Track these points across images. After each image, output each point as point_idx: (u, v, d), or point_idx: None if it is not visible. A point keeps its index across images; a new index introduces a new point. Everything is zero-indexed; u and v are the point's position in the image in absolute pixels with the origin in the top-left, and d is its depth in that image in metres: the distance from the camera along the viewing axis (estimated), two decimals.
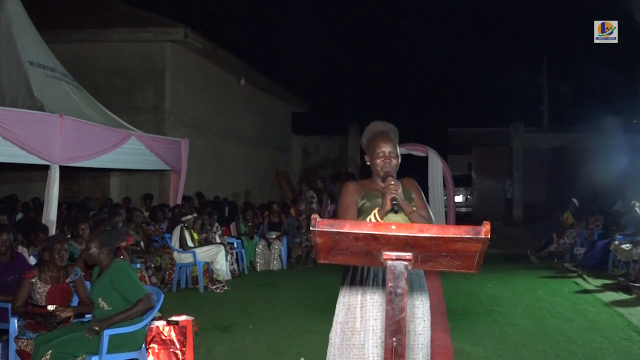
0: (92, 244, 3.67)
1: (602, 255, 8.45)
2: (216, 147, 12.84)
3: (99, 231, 4.15)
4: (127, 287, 3.58)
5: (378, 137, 2.61)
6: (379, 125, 2.68)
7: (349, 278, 2.60)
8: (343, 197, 2.63)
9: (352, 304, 2.54)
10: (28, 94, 6.85)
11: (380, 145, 2.58)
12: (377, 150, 2.58)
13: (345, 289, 2.59)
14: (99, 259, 3.68)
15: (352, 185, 2.66)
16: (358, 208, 2.58)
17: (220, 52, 12.23)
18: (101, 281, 3.61)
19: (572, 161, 15.43)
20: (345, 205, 2.59)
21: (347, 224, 1.52)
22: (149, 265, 6.72)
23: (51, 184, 6.20)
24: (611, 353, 4.56)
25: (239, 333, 5.22)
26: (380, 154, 2.57)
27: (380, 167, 2.56)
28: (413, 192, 2.66)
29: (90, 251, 3.67)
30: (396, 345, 1.55)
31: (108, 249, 3.70)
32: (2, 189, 10.95)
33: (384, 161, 2.56)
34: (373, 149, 2.60)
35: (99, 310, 3.60)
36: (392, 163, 2.56)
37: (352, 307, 2.53)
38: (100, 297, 3.59)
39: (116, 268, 3.62)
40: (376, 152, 2.58)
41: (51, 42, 8.36)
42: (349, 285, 2.58)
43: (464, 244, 1.51)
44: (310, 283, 7.83)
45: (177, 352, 4.07)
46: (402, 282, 1.56)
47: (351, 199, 2.59)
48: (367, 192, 2.60)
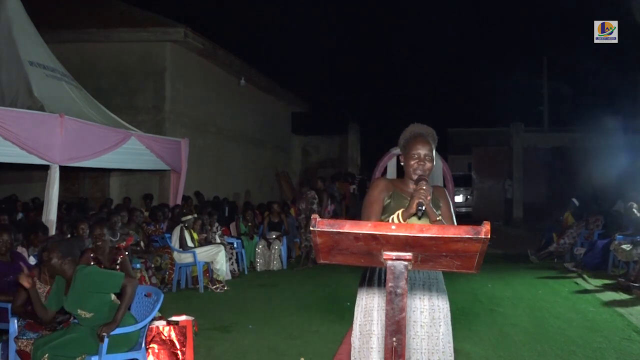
0: (54, 254, 3.52)
1: (602, 255, 8.45)
2: (216, 147, 12.84)
3: (58, 241, 3.97)
4: (103, 283, 3.52)
5: (415, 138, 2.57)
6: (418, 127, 2.64)
7: (366, 280, 2.58)
8: (371, 191, 2.59)
9: (369, 307, 2.53)
10: (28, 94, 6.85)
11: (416, 147, 2.54)
12: (412, 152, 2.54)
13: (363, 291, 2.57)
14: (62, 270, 3.54)
15: (383, 183, 2.63)
16: (383, 206, 2.55)
17: (220, 52, 12.23)
18: (73, 292, 3.48)
19: (572, 161, 15.43)
20: (371, 200, 2.56)
21: (347, 223, 1.52)
22: (149, 265, 6.72)
23: (51, 184, 6.20)
24: (611, 353, 4.56)
25: (239, 333, 5.22)
26: (415, 155, 2.53)
27: (414, 169, 2.53)
28: (442, 201, 2.63)
29: (52, 262, 3.52)
30: (396, 345, 1.55)
31: (70, 259, 3.57)
32: (2, 189, 10.95)
33: (418, 163, 2.52)
34: (409, 150, 2.56)
35: (85, 320, 3.51)
36: (426, 166, 2.53)
37: (369, 310, 2.53)
38: (78, 307, 3.48)
39: (83, 274, 3.49)
40: (411, 154, 2.54)
41: (51, 42, 8.36)
42: (367, 287, 2.56)
43: (464, 244, 1.51)
44: (310, 283, 7.83)
45: (177, 352, 4.07)
46: (402, 282, 1.56)
47: (379, 195, 2.56)
48: (396, 193, 2.57)
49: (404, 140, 2.63)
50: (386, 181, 2.66)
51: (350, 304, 6.78)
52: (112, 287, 3.56)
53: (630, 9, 9.93)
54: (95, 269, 3.66)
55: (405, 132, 2.65)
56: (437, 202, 2.60)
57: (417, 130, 2.62)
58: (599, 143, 14.85)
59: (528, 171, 16.80)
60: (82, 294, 3.47)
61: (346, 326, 5.37)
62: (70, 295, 3.50)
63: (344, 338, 4.95)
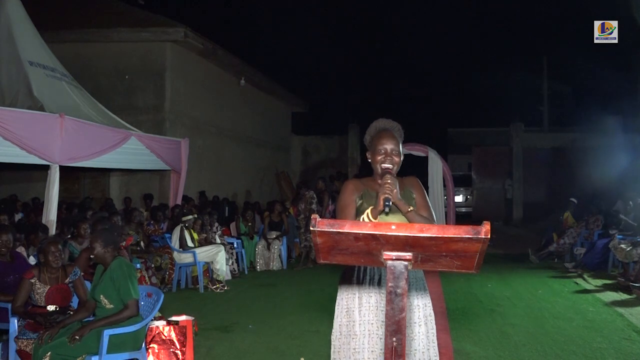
0: (97, 243, 3.69)
1: (602, 255, 8.45)
2: (216, 147, 12.84)
3: (101, 230, 4.15)
4: (121, 285, 3.59)
5: (381, 133, 2.53)
6: (384, 122, 2.60)
7: (346, 279, 2.53)
8: (341, 196, 2.55)
9: (350, 307, 2.48)
10: (28, 94, 6.85)
11: (382, 142, 2.50)
12: (378, 147, 2.50)
13: (342, 290, 2.53)
14: (103, 258, 3.70)
15: (351, 184, 2.58)
16: (356, 208, 2.50)
17: (220, 52, 12.23)
18: (103, 279, 3.64)
19: (572, 161, 15.42)
20: (342, 205, 2.52)
21: (347, 224, 1.52)
22: (149, 265, 6.72)
23: (51, 184, 6.20)
24: (611, 353, 4.56)
25: (239, 333, 5.22)
26: (381, 150, 2.49)
27: (380, 164, 2.49)
28: (415, 191, 2.58)
29: (95, 250, 3.68)
30: (396, 345, 1.55)
31: (112, 247, 3.72)
32: (2, 189, 10.95)
33: (384, 158, 2.48)
34: (375, 145, 2.52)
35: (102, 309, 3.61)
36: (394, 161, 2.48)
37: (350, 310, 2.48)
38: (102, 294, 3.61)
39: (117, 265, 3.65)
40: (377, 149, 2.50)
41: (51, 42, 8.36)
42: (347, 286, 2.52)
43: (464, 244, 1.51)
44: (310, 283, 7.83)
45: (177, 352, 4.07)
46: (402, 282, 1.56)
47: (349, 197, 2.52)
48: (366, 192, 2.52)
49: (369, 136, 2.60)
50: (355, 181, 2.61)
51: None
52: (122, 293, 3.60)
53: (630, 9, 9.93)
54: (127, 267, 3.70)
55: (370, 128, 2.61)
56: (409, 193, 2.55)
57: (382, 125, 2.59)
58: (599, 143, 14.86)
59: (528, 171, 16.80)
60: (110, 283, 3.58)
61: None
62: (101, 280, 3.64)
63: None
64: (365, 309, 2.44)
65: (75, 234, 5.88)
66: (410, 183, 2.61)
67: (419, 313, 2.50)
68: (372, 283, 2.47)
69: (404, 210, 2.41)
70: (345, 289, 2.52)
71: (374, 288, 2.46)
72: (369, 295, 2.45)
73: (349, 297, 2.50)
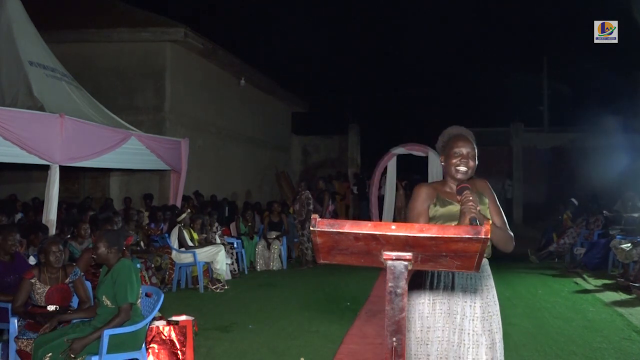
0: (100, 244, 3.68)
1: (602, 255, 8.46)
2: (216, 147, 12.84)
3: (105, 230, 4.16)
4: (119, 287, 3.58)
5: (456, 138, 2.51)
6: (458, 128, 2.59)
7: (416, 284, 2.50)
8: (414, 203, 2.50)
9: (423, 313, 2.46)
10: (28, 94, 6.85)
11: (458, 144, 2.48)
12: (454, 150, 2.48)
13: (414, 296, 2.50)
14: (107, 259, 3.69)
15: (424, 190, 2.51)
16: (430, 216, 2.46)
17: (220, 52, 12.23)
18: (106, 280, 3.64)
19: (572, 161, 15.42)
20: (415, 213, 2.47)
21: (347, 223, 1.52)
22: (149, 265, 6.72)
23: (51, 184, 6.20)
24: (611, 353, 4.56)
25: (239, 333, 5.22)
26: (457, 153, 2.47)
27: (456, 167, 2.46)
28: (486, 195, 2.55)
29: (99, 251, 3.68)
30: (396, 345, 1.55)
31: (116, 248, 3.71)
32: (2, 189, 10.95)
33: (460, 161, 2.46)
34: (450, 149, 2.50)
35: (104, 309, 3.60)
36: (469, 164, 2.47)
37: (424, 316, 2.46)
38: (104, 295, 3.61)
39: (120, 266, 3.65)
40: (453, 152, 2.48)
41: (51, 42, 8.35)
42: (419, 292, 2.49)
43: (464, 244, 1.51)
44: (310, 283, 7.83)
45: (177, 352, 4.07)
46: (402, 282, 1.56)
47: (422, 205, 2.48)
48: (440, 198, 2.48)
49: (442, 141, 2.58)
50: (428, 187, 2.55)
51: (350, 304, 6.80)
52: (119, 295, 3.58)
53: (630, 9, 9.93)
54: (129, 270, 3.68)
55: (443, 134, 2.60)
56: (481, 198, 2.51)
57: (457, 131, 2.58)
58: (599, 143, 14.86)
59: (528, 171, 16.80)
60: (112, 284, 3.58)
61: (346, 326, 5.38)
62: (103, 280, 3.64)
63: (344, 338, 4.95)
64: (438, 315, 2.43)
65: (75, 234, 5.88)
66: (481, 187, 2.59)
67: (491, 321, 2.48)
68: (445, 288, 2.45)
69: None
70: (418, 294, 2.49)
71: (447, 293, 2.44)
72: (442, 302, 2.44)
73: (422, 302, 2.47)
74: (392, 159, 12.11)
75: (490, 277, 2.54)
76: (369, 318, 5.73)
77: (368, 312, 5.98)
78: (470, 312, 2.42)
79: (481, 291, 2.47)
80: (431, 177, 11.56)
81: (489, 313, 2.47)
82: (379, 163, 12.31)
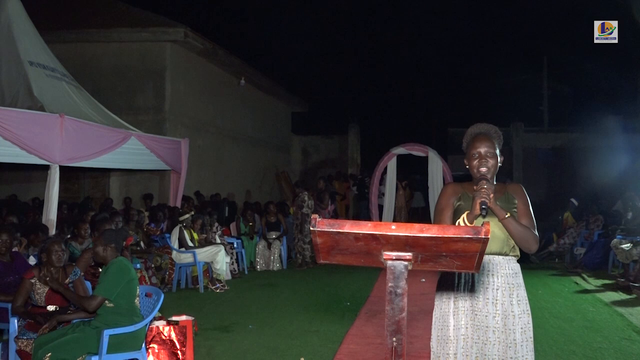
0: (98, 242, 3.73)
1: (602, 255, 8.46)
2: (216, 147, 12.84)
3: (105, 230, 4.16)
4: (102, 278, 3.58)
5: (475, 138, 2.53)
6: (478, 127, 2.59)
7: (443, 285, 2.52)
8: (440, 199, 2.56)
9: (444, 311, 2.48)
10: (28, 94, 6.85)
11: (475, 145, 2.49)
12: (472, 151, 2.49)
13: (439, 295, 2.52)
14: (103, 257, 3.70)
15: (450, 187, 2.58)
16: (454, 209, 2.50)
17: (220, 52, 12.23)
18: (105, 278, 3.62)
19: (572, 161, 15.42)
20: (440, 208, 2.53)
21: (347, 223, 1.52)
22: (149, 265, 6.72)
23: (51, 184, 6.20)
24: (611, 353, 4.56)
25: (239, 333, 5.22)
26: (475, 154, 2.48)
27: (476, 168, 2.47)
28: (518, 198, 2.55)
29: (96, 249, 3.71)
30: (396, 345, 1.55)
31: (113, 246, 3.71)
32: (2, 189, 10.95)
33: (479, 161, 2.47)
34: (469, 150, 2.51)
35: (104, 308, 3.58)
36: (489, 163, 2.47)
37: (445, 314, 2.47)
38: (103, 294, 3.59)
39: (112, 263, 3.64)
40: (472, 154, 2.49)
41: (51, 42, 8.36)
42: (442, 291, 2.51)
43: (464, 244, 1.51)
44: (310, 283, 7.83)
45: (177, 352, 4.07)
46: (402, 282, 1.56)
47: (447, 201, 2.53)
48: (465, 194, 2.51)
49: (465, 142, 2.59)
50: (454, 185, 2.60)
51: (350, 304, 6.80)
52: (111, 289, 3.57)
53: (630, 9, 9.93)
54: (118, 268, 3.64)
55: (465, 135, 2.60)
56: (511, 199, 2.52)
57: (477, 130, 2.57)
58: (599, 143, 14.85)
59: (528, 171, 16.79)
60: (113, 281, 3.56)
61: (346, 326, 5.37)
62: (102, 280, 3.60)
63: (344, 338, 4.95)
64: (461, 313, 2.44)
65: (75, 234, 5.88)
66: (514, 189, 2.60)
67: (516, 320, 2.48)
68: (466, 287, 2.46)
69: (500, 216, 2.37)
70: (441, 295, 2.51)
71: (468, 292, 2.45)
72: (465, 299, 2.45)
73: (444, 301, 2.49)
74: (392, 159, 12.11)
75: (517, 275, 2.52)
76: (369, 318, 5.73)
77: (368, 312, 5.98)
78: (492, 309, 2.43)
79: (504, 289, 2.46)
80: (431, 177, 11.57)
81: (512, 312, 2.47)
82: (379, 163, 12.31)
